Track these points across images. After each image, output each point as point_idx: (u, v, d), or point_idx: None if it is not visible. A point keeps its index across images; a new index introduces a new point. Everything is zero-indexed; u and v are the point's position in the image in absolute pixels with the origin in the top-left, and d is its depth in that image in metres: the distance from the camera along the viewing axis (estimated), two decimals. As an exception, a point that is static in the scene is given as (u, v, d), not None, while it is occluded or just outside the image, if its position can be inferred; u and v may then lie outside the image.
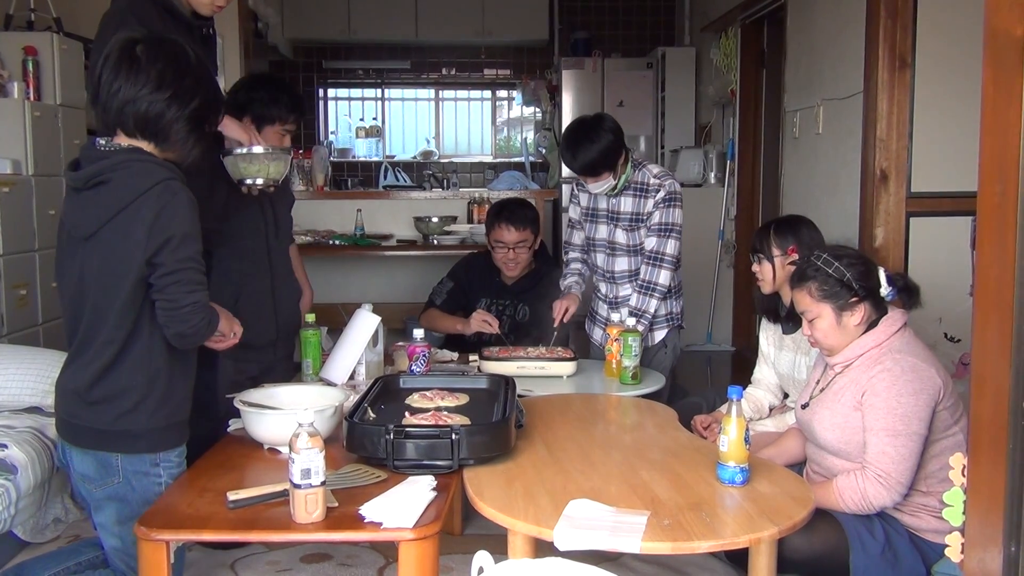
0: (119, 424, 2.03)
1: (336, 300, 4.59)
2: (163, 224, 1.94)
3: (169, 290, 1.96)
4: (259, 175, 2.71)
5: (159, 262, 1.95)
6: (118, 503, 2.05)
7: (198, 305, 1.99)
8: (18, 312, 3.79)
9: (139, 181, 1.95)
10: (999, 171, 1.02)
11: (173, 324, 1.99)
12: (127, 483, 2.04)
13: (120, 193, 1.95)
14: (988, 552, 1.06)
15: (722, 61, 6.07)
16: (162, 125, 2.00)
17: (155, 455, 2.06)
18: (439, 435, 2.02)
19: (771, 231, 2.80)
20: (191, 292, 1.98)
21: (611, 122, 3.31)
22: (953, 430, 2.24)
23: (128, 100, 1.98)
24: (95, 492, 2.07)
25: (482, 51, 8.31)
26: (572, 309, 3.43)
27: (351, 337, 2.85)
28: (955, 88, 3.62)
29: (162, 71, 1.98)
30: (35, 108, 4.05)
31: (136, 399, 2.03)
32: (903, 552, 2.21)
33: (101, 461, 2.04)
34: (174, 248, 1.95)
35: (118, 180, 1.97)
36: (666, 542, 1.70)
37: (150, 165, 2.00)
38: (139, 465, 2.05)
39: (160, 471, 2.07)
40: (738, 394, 2.00)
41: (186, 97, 2.01)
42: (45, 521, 2.85)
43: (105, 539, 2.11)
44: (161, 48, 2.02)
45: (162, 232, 1.94)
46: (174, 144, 2.04)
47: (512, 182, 6.97)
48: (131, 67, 1.98)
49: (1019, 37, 0.98)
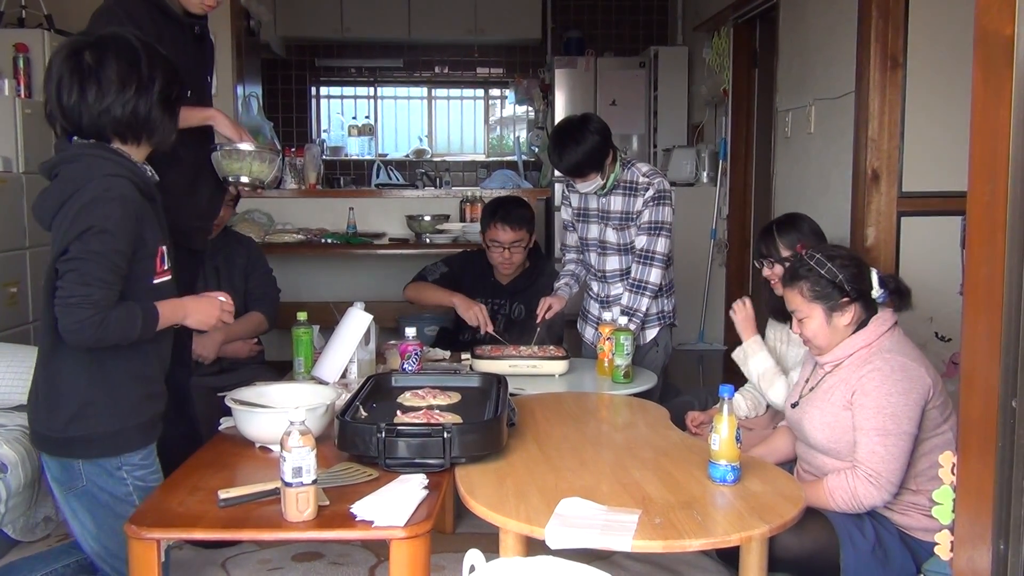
0: (71, 430, 2.00)
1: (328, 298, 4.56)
2: (86, 214, 1.89)
3: (66, 277, 1.89)
4: (242, 172, 2.70)
5: (68, 249, 1.90)
6: (88, 503, 2.04)
7: (88, 299, 1.88)
8: (8, 310, 3.78)
9: (83, 173, 1.94)
10: (989, 171, 1.03)
11: (61, 316, 1.89)
12: (93, 484, 2.03)
13: (65, 185, 1.94)
14: (977, 550, 1.07)
15: (714, 60, 6.08)
16: (140, 121, 2.00)
17: (116, 458, 2.04)
18: (431, 434, 2.02)
19: (775, 233, 2.81)
20: (86, 285, 1.88)
21: (597, 123, 3.31)
22: (943, 428, 2.25)
23: (101, 111, 1.97)
24: (65, 494, 2.06)
25: (475, 50, 8.31)
26: (555, 308, 3.43)
27: (343, 335, 2.84)
28: (946, 88, 3.64)
29: (118, 70, 1.97)
30: (26, 105, 4.03)
31: (80, 403, 2.00)
32: (893, 550, 2.21)
33: (64, 465, 2.04)
34: (87, 238, 1.88)
35: (66, 172, 1.96)
36: (657, 540, 1.70)
37: (100, 160, 1.97)
38: (100, 469, 2.03)
39: (123, 474, 2.05)
40: (729, 393, 2.00)
41: (149, 85, 2.00)
42: (35, 520, 2.84)
43: (85, 544, 2.10)
44: (106, 48, 2.00)
45: (83, 221, 1.89)
46: (159, 135, 2.05)
47: (505, 181, 6.96)
48: (87, 78, 1.96)
49: (1009, 37, 0.98)
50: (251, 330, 3.48)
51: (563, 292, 3.52)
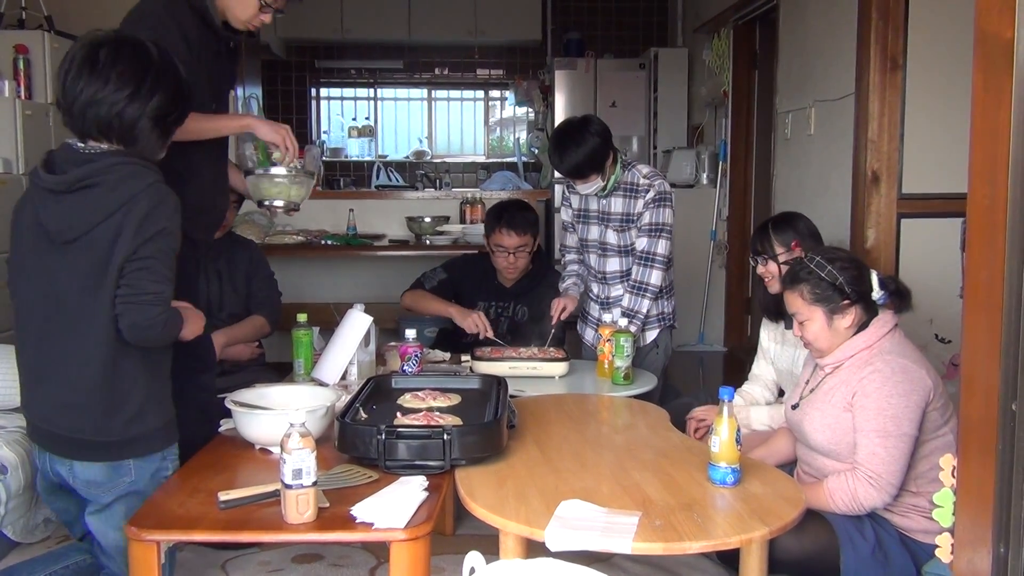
0: (132, 430, 2.03)
1: (328, 300, 4.57)
2: (154, 219, 1.95)
3: (135, 276, 1.94)
4: (279, 197, 2.65)
5: (138, 252, 1.94)
6: (131, 499, 2.05)
7: (160, 296, 1.96)
8: (8, 312, 3.77)
9: (132, 183, 1.96)
10: (989, 174, 1.03)
11: (129, 313, 1.94)
12: (139, 481, 2.06)
13: (113, 196, 1.95)
14: (977, 553, 1.07)
15: (714, 62, 6.08)
16: (124, 126, 2.00)
17: (163, 451, 2.10)
18: (431, 435, 2.02)
19: (770, 230, 2.81)
20: (156, 282, 1.96)
21: (597, 124, 3.31)
22: (943, 431, 2.25)
23: (88, 103, 1.97)
24: (103, 496, 2.06)
25: (475, 51, 8.31)
26: (570, 308, 3.43)
27: (343, 337, 2.84)
28: (946, 90, 3.64)
29: (122, 72, 1.98)
30: (26, 107, 4.03)
31: (140, 402, 2.04)
32: (893, 552, 2.21)
33: (112, 467, 2.05)
34: (158, 239, 1.96)
35: (110, 183, 1.96)
36: (657, 543, 1.70)
37: (139, 168, 2.01)
38: (151, 464, 2.08)
39: (167, 464, 2.11)
40: (729, 395, 2.00)
41: (147, 95, 2.00)
42: (35, 521, 2.84)
43: (107, 540, 2.08)
44: (123, 48, 2.00)
45: (152, 226, 1.95)
46: (141, 145, 2.04)
47: (505, 182, 6.97)
48: (92, 70, 1.97)
49: (1009, 40, 0.98)
50: (253, 333, 3.48)
51: (573, 292, 3.53)
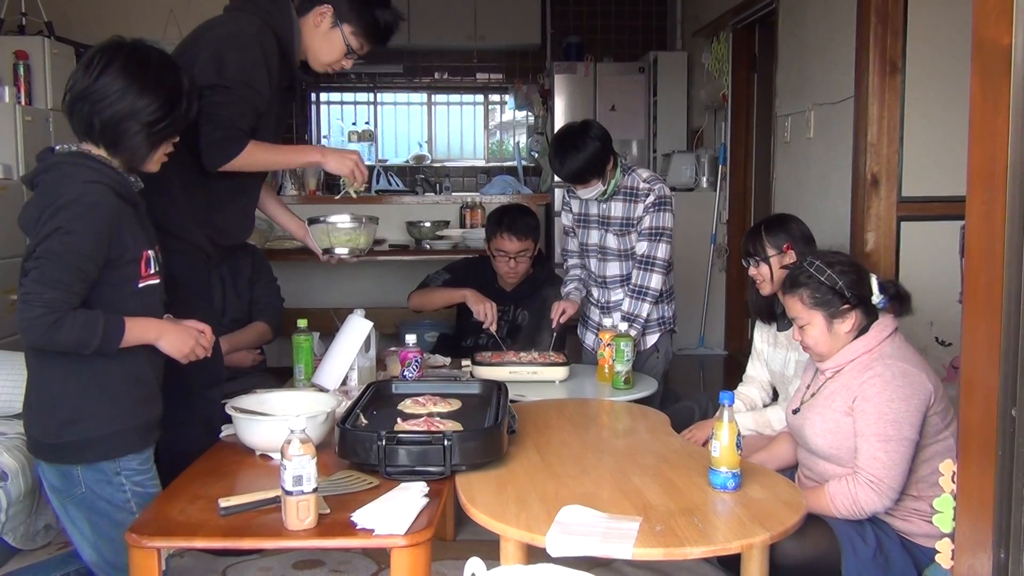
0: (65, 434, 1.98)
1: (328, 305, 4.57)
2: (55, 217, 1.87)
3: (29, 275, 1.88)
4: (348, 244, 2.64)
5: (36, 251, 1.88)
6: (87, 511, 2.02)
7: (41, 299, 1.85)
8: (9, 318, 3.78)
9: (61, 181, 1.92)
10: (987, 179, 1.03)
11: (18, 312, 1.87)
12: (91, 492, 2.01)
13: (45, 194, 1.93)
14: (978, 558, 1.07)
15: (714, 65, 6.09)
16: (107, 124, 1.96)
17: (114, 463, 2.01)
18: (431, 441, 2.02)
19: (762, 232, 2.80)
20: (42, 284, 1.85)
21: (598, 129, 3.31)
22: (944, 435, 2.25)
23: (77, 97, 1.95)
24: (63, 503, 2.04)
25: (474, 55, 8.32)
26: (569, 312, 3.43)
27: (343, 342, 2.84)
28: (945, 93, 3.64)
29: (116, 69, 1.95)
30: (26, 113, 4.04)
31: (73, 407, 1.98)
32: (894, 557, 2.21)
33: (62, 472, 2.01)
34: (52, 239, 1.87)
35: (46, 181, 1.94)
36: (658, 548, 1.70)
37: (78, 168, 1.94)
38: (99, 474, 2.00)
39: (122, 479, 2.02)
40: (729, 400, 2.00)
41: (135, 96, 1.95)
42: (36, 528, 2.84)
43: (83, 552, 2.08)
44: (122, 49, 1.99)
45: (52, 223, 1.87)
46: (125, 149, 2.00)
47: (504, 186, 6.96)
48: (88, 66, 1.96)
49: (1007, 47, 0.98)
50: (255, 340, 3.48)
51: (574, 296, 3.53)
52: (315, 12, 2.55)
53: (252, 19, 2.44)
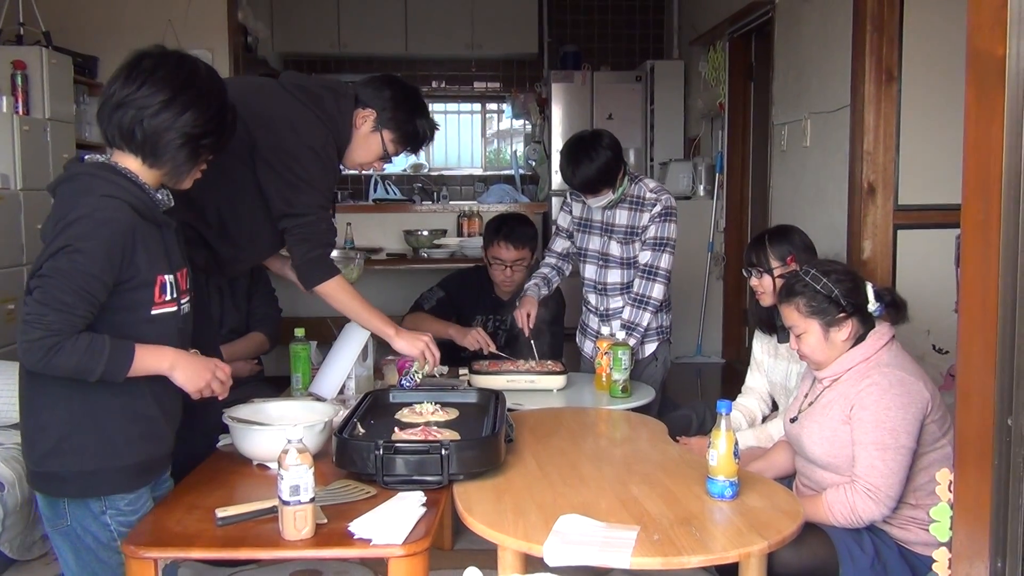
0: (46, 464, 1.87)
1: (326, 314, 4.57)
2: (65, 233, 1.76)
3: (32, 295, 1.77)
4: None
5: (41, 268, 1.77)
6: (72, 543, 1.91)
7: (41, 321, 1.73)
8: (6, 327, 3.78)
9: (77, 193, 1.81)
10: (982, 189, 1.03)
11: (19, 333, 1.76)
12: (78, 525, 1.89)
13: (61, 205, 1.83)
14: (975, 567, 1.07)
15: (711, 74, 6.11)
16: (149, 134, 1.84)
17: (100, 500, 1.89)
18: (429, 450, 2.02)
19: (766, 243, 2.81)
20: (44, 305, 1.73)
21: (609, 138, 3.31)
22: (941, 443, 2.25)
23: (116, 105, 1.85)
24: (51, 531, 1.94)
25: (472, 64, 8.34)
26: (533, 312, 3.37)
27: (340, 351, 2.84)
28: (941, 101, 3.66)
29: (161, 78, 1.85)
30: (24, 122, 4.04)
31: (58, 437, 1.85)
32: (892, 565, 2.21)
33: (49, 501, 1.91)
34: (59, 257, 1.75)
35: (63, 192, 1.85)
36: (656, 557, 1.70)
37: (97, 180, 1.83)
38: (85, 510, 1.89)
39: (107, 519, 1.90)
40: (727, 408, 2.00)
41: (180, 107, 1.84)
42: (32, 538, 2.83)
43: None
44: (169, 57, 1.90)
45: (61, 240, 1.76)
46: (164, 160, 1.88)
47: (502, 195, 6.98)
48: (130, 73, 1.85)
49: (1001, 58, 0.99)
50: (253, 350, 3.48)
51: (531, 292, 3.44)
52: (358, 114, 2.55)
53: (320, 127, 2.47)
